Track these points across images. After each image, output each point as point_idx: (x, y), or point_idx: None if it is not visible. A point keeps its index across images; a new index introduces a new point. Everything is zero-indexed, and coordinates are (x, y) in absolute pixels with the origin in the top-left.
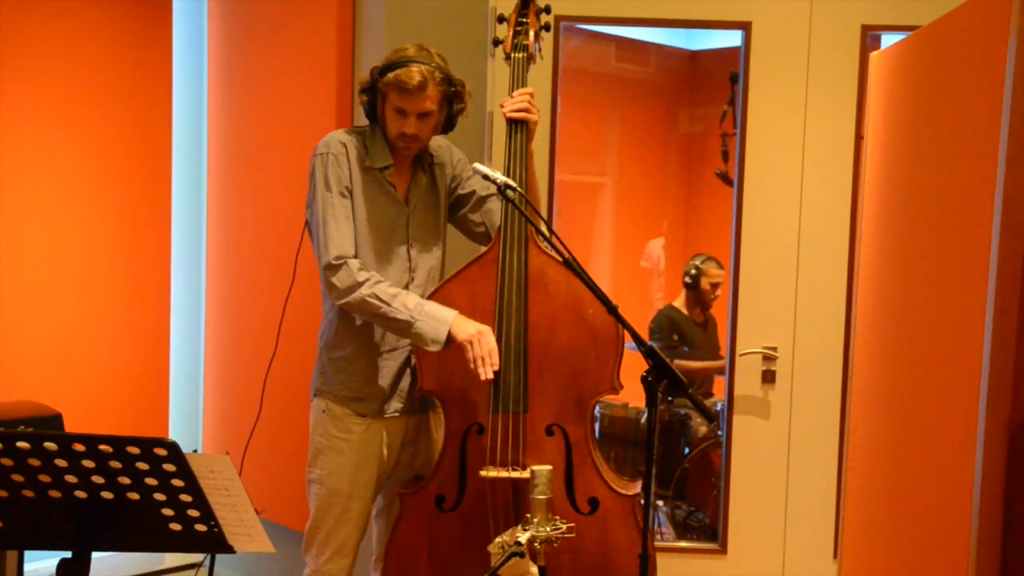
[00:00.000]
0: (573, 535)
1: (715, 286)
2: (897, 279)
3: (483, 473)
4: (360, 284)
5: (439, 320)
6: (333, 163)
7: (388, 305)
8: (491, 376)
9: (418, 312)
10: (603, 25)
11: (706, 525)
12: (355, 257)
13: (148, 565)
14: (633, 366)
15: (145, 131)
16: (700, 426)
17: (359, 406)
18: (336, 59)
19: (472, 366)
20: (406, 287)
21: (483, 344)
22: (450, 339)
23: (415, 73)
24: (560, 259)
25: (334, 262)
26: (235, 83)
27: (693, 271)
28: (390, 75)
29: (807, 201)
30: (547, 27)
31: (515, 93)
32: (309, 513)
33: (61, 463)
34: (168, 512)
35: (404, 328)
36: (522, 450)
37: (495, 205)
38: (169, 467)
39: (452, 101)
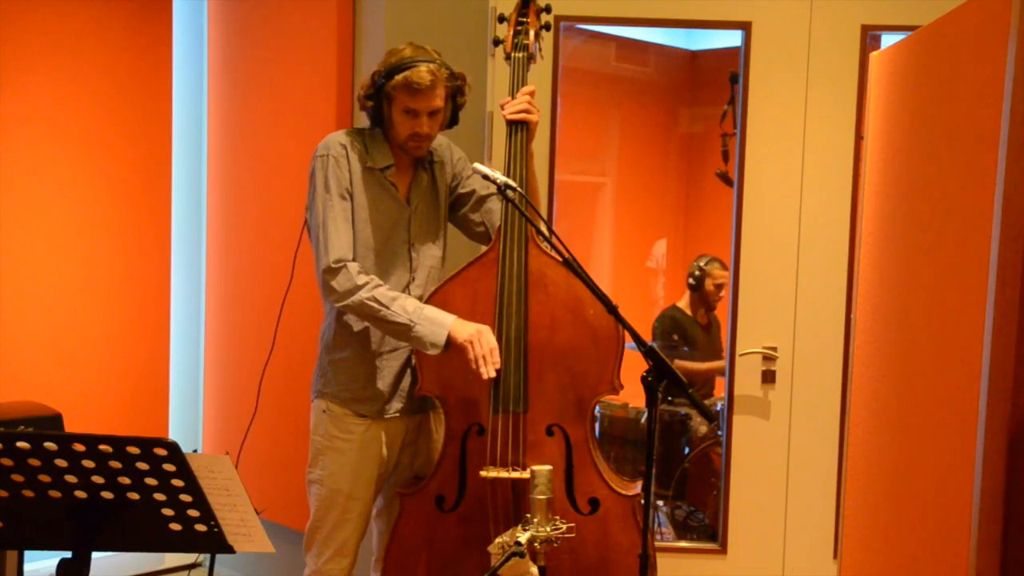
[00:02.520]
0: (573, 535)
1: (719, 287)
2: (897, 279)
3: (483, 473)
4: (359, 287)
5: (438, 324)
6: (333, 165)
7: (387, 308)
8: (493, 375)
9: (417, 316)
10: (603, 25)
11: (706, 525)
12: (354, 260)
13: (148, 565)
14: (633, 366)
15: (145, 131)
16: (700, 426)
17: (359, 407)
18: (336, 59)
19: (474, 366)
20: (407, 286)
21: (483, 343)
22: (449, 343)
23: (425, 73)
24: (560, 259)
25: (333, 265)
26: (235, 83)
27: (697, 272)
28: (398, 77)
29: (807, 201)
30: (547, 27)
31: (516, 93)
32: (309, 513)
33: (61, 463)
34: (168, 512)
35: (403, 332)
36: (522, 450)
37: (495, 205)
38: (169, 467)
39: (456, 96)
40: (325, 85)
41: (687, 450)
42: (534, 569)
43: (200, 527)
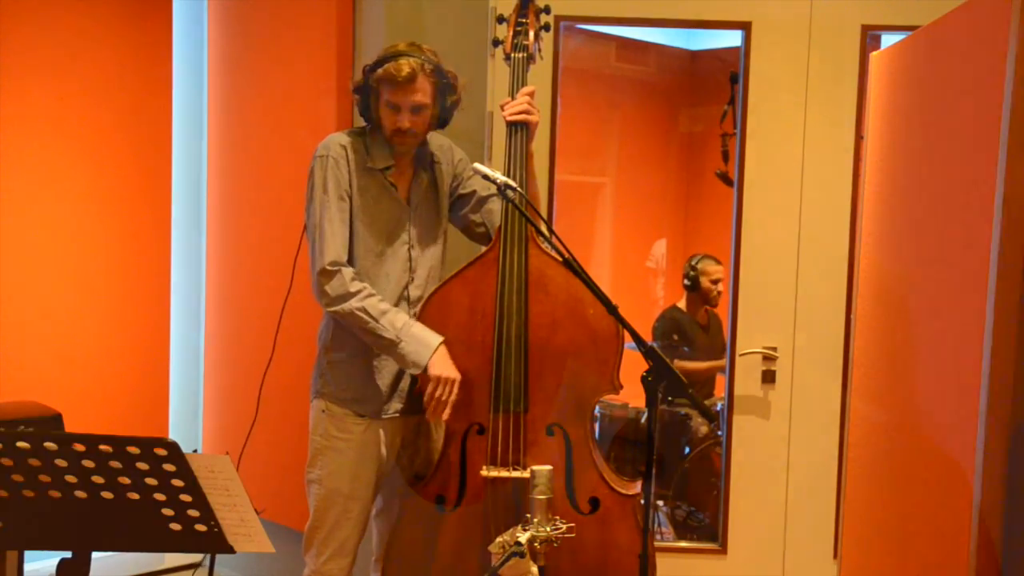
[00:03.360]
0: (573, 535)
1: (715, 282)
2: (897, 279)
3: (483, 473)
4: (351, 295)
5: (423, 344)
6: (332, 166)
7: (376, 321)
8: (432, 419)
9: (405, 333)
10: (603, 25)
11: (706, 525)
12: (348, 265)
13: (148, 565)
14: (633, 366)
15: (145, 131)
16: (700, 426)
17: (358, 407)
18: (336, 59)
19: (425, 400)
20: (406, 286)
21: (447, 390)
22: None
23: (404, 65)
24: (560, 259)
25: (328, 268)
26: (235, 84)
27: (691, 272)
28: (380, 70)
29: (807, 201)
30: (547, 27)
31: (516, 93)
32: (309, 513)
33: (61, 463)
34: (168, 512)
35: (388, 347)
36: (522, 450)
37: (496, 205)
38: (169, 467)
39: (445, 94)
40: (325, 85)
41: (687, 450)
42: (534, 569)
43: (200, 527)
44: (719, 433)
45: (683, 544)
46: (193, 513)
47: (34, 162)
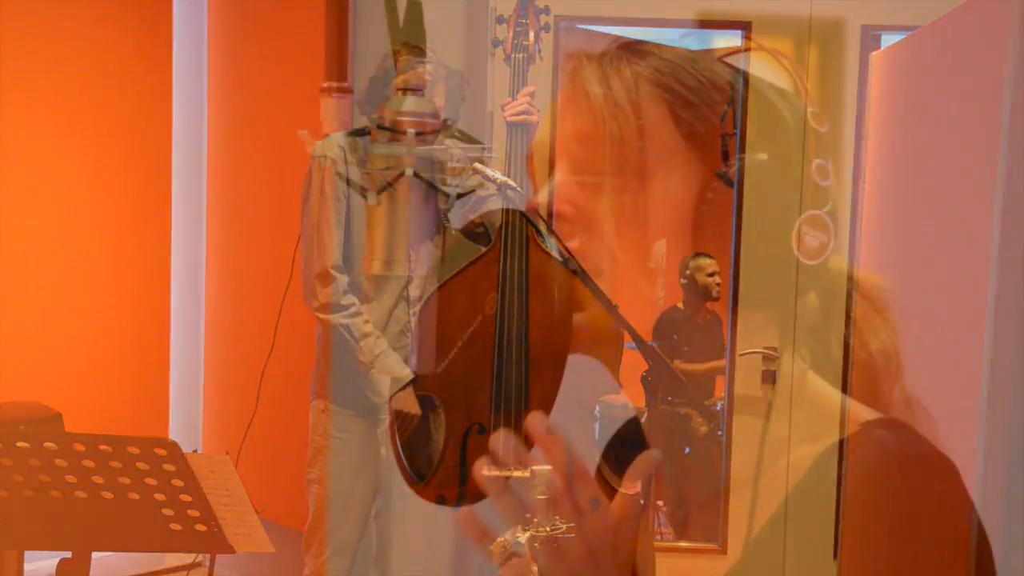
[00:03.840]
0: (573, 535)
1: (712, 275)
2: (897, 279)
3: (484, 472)
4: (341, 307)
5: (392, 377)
6: (330, 168)
7: (355, 342)
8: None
9: (378, 362)
10: (603, 25)
11: (706, 525)
12: (345, 267)
13: (148, 565)
14: (633, 366)
15: (145, 131)
16: (700, 426)
17: (358, 406)
18: (336, 59)
19: (388, 421)
20: (405, 286)
21: (406, 423)
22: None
23: (424, 74)
24: (560, 259)
25: (331, 271)
26: (235, 83)
27: (687, 271)
28: (399, 80)
29: (807, 201)
30: (547, 28)
31: (516, 94)
32: (309, 513)
33: (61, 463)
34: (168, 512)
35: (360, 367)
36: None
37: (495, 205)
38: (169, 467)
39: (457, 93)
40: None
41: (687, 450)
42: (534, 568)
43: (200, 527)
44: (719, 433)
45: (683, 544)
46: (193, 513)
47: (34, 162)
